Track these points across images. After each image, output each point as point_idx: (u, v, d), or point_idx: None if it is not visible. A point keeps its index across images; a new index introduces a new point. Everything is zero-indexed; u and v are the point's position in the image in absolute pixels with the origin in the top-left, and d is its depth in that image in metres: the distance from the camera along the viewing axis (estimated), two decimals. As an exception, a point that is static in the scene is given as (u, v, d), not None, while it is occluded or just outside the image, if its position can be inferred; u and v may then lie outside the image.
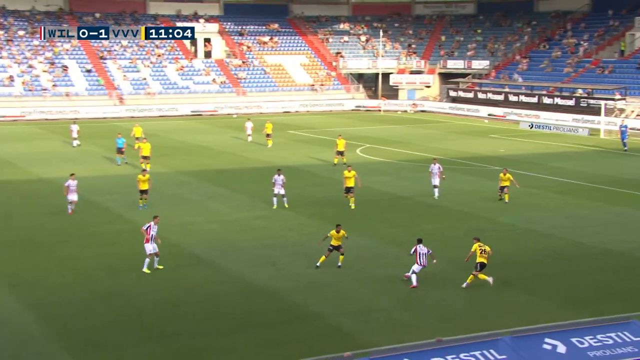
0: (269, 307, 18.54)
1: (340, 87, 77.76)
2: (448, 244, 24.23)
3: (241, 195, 31.89)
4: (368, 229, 26.20)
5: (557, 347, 13.19)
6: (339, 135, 40.69)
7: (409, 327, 17.26)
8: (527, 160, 41.18)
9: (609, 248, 23.62)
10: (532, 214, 28.43)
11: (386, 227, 26.58)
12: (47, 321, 17.53)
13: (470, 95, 71.18)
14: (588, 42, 70.68)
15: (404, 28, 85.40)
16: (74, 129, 46.73)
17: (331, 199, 31.17)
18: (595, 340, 13.37)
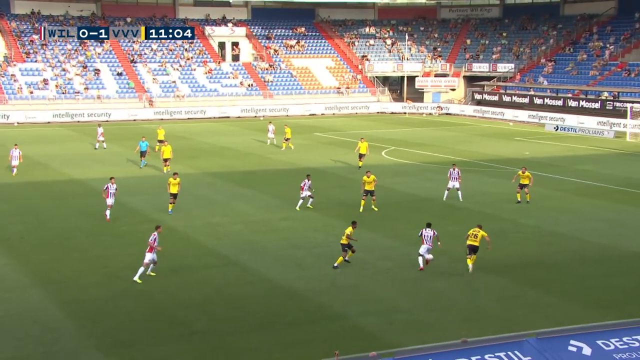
0: (294, 306, 18.53)
1: (366, 90, 77.65)
2: (472, 246, 24.00)
3: (267, 197, 31.94)
4: (392, 230, 26.08)
5: (583, 349, 12.99)
6: (361, 138, 40.52)
7: (434, 328, 17.14)
8: (552, 163, 40.77)
9: (634, 251, 23.28)
10: (556, 216, 28.11)
11: (410, 228, 26.45)
12: (78, 319, 17.68)
13: (495, 98, 70.70)
14: (614, 45, 69.84)
15: (429, 31, 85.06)
16: (99, 131, 47.08)
17: (356, 201, 31.07)
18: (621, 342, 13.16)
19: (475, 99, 73.15)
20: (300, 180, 35.78)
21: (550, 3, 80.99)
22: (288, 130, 47.58)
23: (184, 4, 79.97)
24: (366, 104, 74.77)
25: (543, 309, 18.28)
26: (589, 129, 56.49)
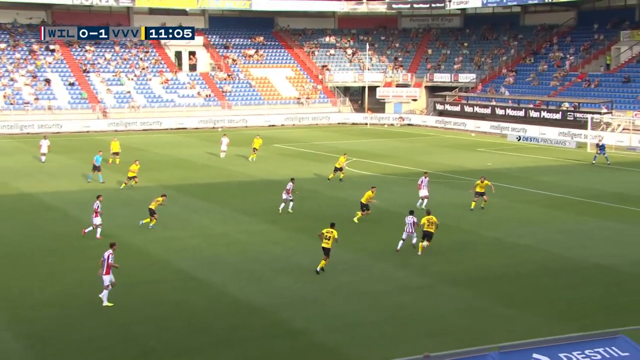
0: (254, 322, 18.45)
1: (326, 100, 77.96)
2: (434, 258, 24.25)
3: (225, 209, 31.80)
4: (354, 243, 26.18)
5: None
6: (344, 154, 40.70)
7: (397, 342, 17.21)
8: (514, 174, 41.38)
9: (596, 262, 23.72)
10: (518, 228, 28.52)
11: (372, 240, 26.58)
12: (27, 339, 17.33)
13: (457, 109, 71.56)
14: (574, 56, 71.37)
15: (390, 41, 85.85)
16: (43, 144, 45.81)
17: (317, 213, 31.14)
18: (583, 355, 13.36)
19: (437, 109, 73.96)
20: (259, 193, 35.68)
21: (511, 13, 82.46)
22: (259, 141, 47.50)
23: (139, 12, 79.39)
24: (327, 115, 75.06)
25: (507, 322, 18.50)
26: (550, 139, 57.52)
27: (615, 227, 28.70)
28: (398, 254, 24.62)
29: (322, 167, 44.86)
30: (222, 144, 48.39)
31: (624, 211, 31.74)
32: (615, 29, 71.65)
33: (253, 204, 33.19)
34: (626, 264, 23.48)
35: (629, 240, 26.63)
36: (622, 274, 22.43)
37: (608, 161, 45.34)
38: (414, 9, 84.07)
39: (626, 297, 20.39)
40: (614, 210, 31.90)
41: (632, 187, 37.53)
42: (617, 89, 63.66)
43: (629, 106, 60.12)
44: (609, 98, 61.20)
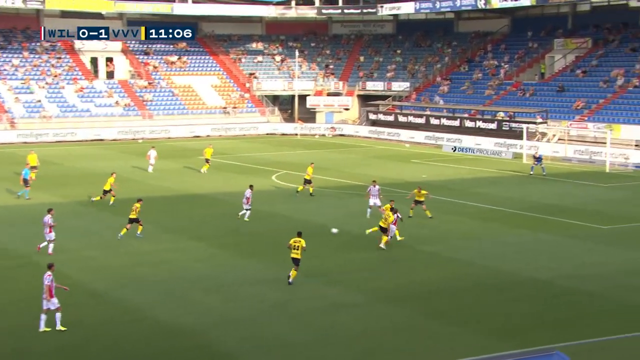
0: (181, 345, 18.31)
1: (254, 109, 77.95)
2: (369, 274, 24.55)
3: (148, 226, 31.43)
4: (285, 259, 26.25)
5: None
6: (311, 163, 40.66)
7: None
8: (449, 186, 42.21)
9: (533, 276, 24.42)
10: (454, 242, 29.12)
11: (307, 257, 26.71)
12: None
13: (390, 119, 72.56)
14: (509, 64, 73.43)
15: (320, 48, 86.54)
16: None
17: (244, 229, 31.10)
18: (522, 371, 13.79)
19: (370, 119, 74.83)
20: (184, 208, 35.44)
21: (444, 19, 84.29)
22: (210, 150, 47.58)
23: (50, 15, 77.62)
24: (255, 125, 75.05)
25: (445, 340, 18.87)
26: (486, 150, 58.92)
27: (551, 240, 29.62)
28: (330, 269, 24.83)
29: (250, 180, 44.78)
30: (150, 157, 47.66)
31: (559, 223, 32.78)
32: (548, 37, 74.12)
33: (178, 220, 32.91)
34: (562, 277, 24.27)
35: (565, 253, 27.53)
36: (560, 288, 23.17)
37: (544, 172, 46.78)
38: (345, 14, 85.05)
39: (562, 312, 21.07)
40: (550, 223, 32.90)
41: (567, 199, 38.80)
42: (552, 99, 65.78)
43: (563, 116, 62.18)
44: (543, 107, 63.17)
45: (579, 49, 70.25)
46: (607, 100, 61.92)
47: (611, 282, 23.63)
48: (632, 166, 49.99)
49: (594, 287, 23.10)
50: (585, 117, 60.51)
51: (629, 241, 29.47)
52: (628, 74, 63.32)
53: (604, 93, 63.06)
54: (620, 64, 65.63)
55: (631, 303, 21.62)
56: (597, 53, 68.50)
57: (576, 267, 25.50)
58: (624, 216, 34.41)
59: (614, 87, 62.90)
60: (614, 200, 38.87)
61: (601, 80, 64.42)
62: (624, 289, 22.94)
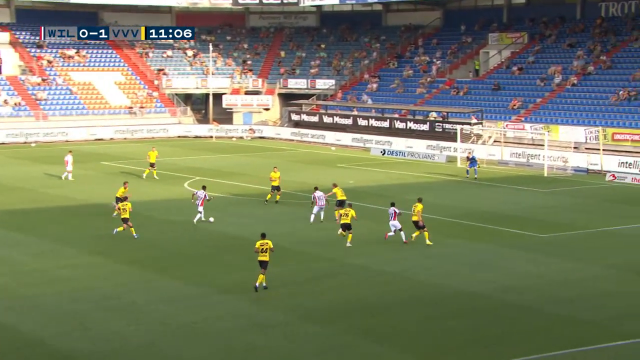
0: (77, 376, 17.79)
1: (164, 109, 77.03)
2: (291, 290, 24.42)
3: (41, 241, 30.61)
4: (200, 275, 25.89)
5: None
6: (274, 167, 40.50)
7: (249, 391, 17.14)
8: (379, 192, 42.48)
9: (468, 290, 24.70)
10: (385, 254, 29.26)
11: (221, 273, 26.41)
12: None
13: (314, 119, 72.75)
14: (441, 60, 74.60)
15: (237, 41, 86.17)
16: None
17: (154, 242, 30.58)
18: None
19: (292, 120, 74.86)
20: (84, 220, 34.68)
21: (372, 11, 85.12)
22: (154, 153, 46.83)
23: None
24: (165, 127, 74.14)
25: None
26: (418, 153, 59.58)
27: (489, 250, 30.08)
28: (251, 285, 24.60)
29: (159, 188, 44.16)
30: (68, 164, 46.11)
31: (496, 232, 33.34)
32: (483, 31, 75.69)
33: (76, 233, 32.13)
34: (499, 290, 24.64)
35: (502, 264, 27.99)
36: (497, 302, 23.50)
37: (476, 174, 47.59)
38: (264, 4, 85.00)
39: (498, 327, 21.36)
40: (486, 231, 33.43)
41: (504, 206, 39.52)
42: (487, 97, 67.13)
43: (499, 116, 63.53)
44: (478, 107, 64.38)
45: (514, 44, 71.97)
46: (545, 100, 63.59)
47: (547, 295, 24.12)
48: (571, 170, 51.30)
49: (531, 301, 23.52)
50: (522, 118, 61.95)
51: (567, 250, 30.17)
52: (566, 71, 65.14)
53: (541, 92, 64.73)
54: (557, 60, 67.53)
55: (564, 317, 22.07)
56: (533, 49, 70.28)
57: (513, 279, 25.93)
58: (562, 223, 35.24)
59: (551, 85, 64.61)
60: (553, 206, 39.80)
61: (538, 77, 66.11)
62: (558, 302, 23.43)
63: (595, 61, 64.93)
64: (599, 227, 34.49)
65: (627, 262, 28.30)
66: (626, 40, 66.11)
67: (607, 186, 46.45)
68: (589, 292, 24.51)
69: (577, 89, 63.00)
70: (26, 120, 69.81)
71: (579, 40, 68.77)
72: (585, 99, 61.50)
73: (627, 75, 61.34)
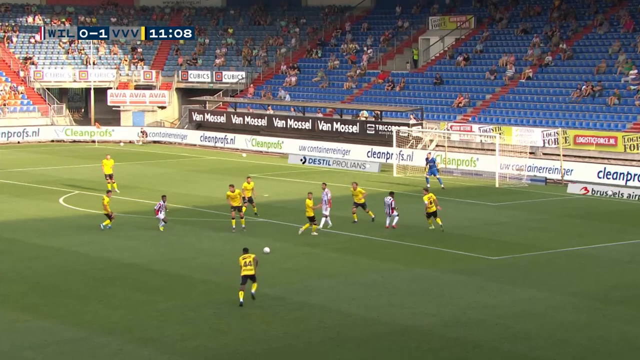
0: None
1: (32, 107, 75.79)
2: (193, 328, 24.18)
3: None
4: (78, 313, 25.44)
5: None
6: (248, 177, 41.06)
7: None
8: (298, 208, 42.42)
9: (408, 324, 24.82)
10: (307, 281, 29.24)
11: (105, 308, 25.99)
12: None
13: (221, 119, 72.47)
14: (373, 49, 75.19)
15: (124, 24, 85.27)
16: None
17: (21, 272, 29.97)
18: None
19: (194, 120, 74.42)
20: None
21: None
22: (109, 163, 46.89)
23: None
24: (34, 129, 72.86)
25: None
26: (346, 160, 59.78)
27: (429, 277, 30.30)
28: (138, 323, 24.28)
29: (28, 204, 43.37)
30: None
31: (440, 254, 33.66)
32: (422, 14, 76.68)
33: None
34: (441, 324, 24.83)
35: (445, 293, 28.21)
36: (437, 338, 23.68)
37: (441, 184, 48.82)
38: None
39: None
40: (428, 253, 33.71)
41: (449, 222, 39.84)
42: (428, 93, 67.93)
43: (442, 115, 64.34)
44: (417, 105, 65.07)
45: (459, 29, 73.05)
46: (496, 96, 64.67)
47: (499, 329, 24.41)
48: (526, 180, 52.11)
49: (480, 337, 23.77)
50: (469, 117, 62.86)
51: (521, 275, 30.62)
52: (520, 62, 66.39)
53: (491, 86, 65.84)
54: (509, 49, 68.80)
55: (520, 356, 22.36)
56: (481, 35, 71.49)
57: (460, 311, 26.15)
58: (516, 243, 35.78)
59: (502, 78, 65.75)
60: (506, 223, 40.41)
61: (487, 69, 67.21)
62: (517, 337, 23.74)
63: (553, 50, 66.34)
64: (560, 247, 35.15)
65: (592, 288, 28.89)
66: (589, 26, 67.76)
67: (570, 198, 47.32)
68: (549, 326, 24.81)
69: (533, 82, 64.23)
70: None
71: (535, 25, 70.23)
72: (542, 95, 62.74)
73: (591, 67, 62.81)
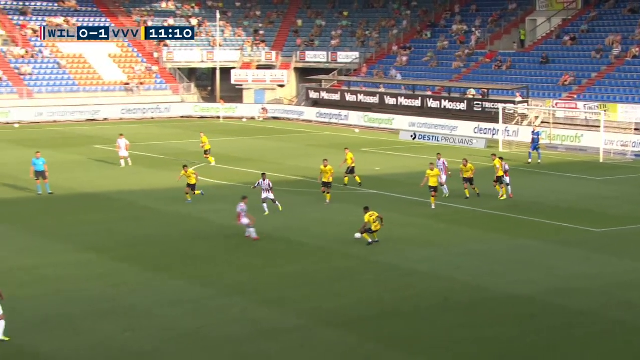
0: (68, 387, 18.11)
1: (165, 86, 77.37)
2: (309, 291, 24.59)
3: (30, 235, 30.99)
4: (206, 275, 26.14)
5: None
6: (345, 148, 41.54)
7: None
8: (409, 181, 42.50)
9: (510, 292, 24.75)
10: (416, 251, 29.35)
11: (231, 271, 26.64)
12: None
13: (336, 97, 72.80)
14: (481, 30, 74.34)
15: (248, 8, 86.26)
16: None
17: (152, 237, 30.85)
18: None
19: (310, 98, 74.95)
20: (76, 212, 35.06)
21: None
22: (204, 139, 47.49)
23: None
24: (166, 105, 74.48)
25: (399, 372, 19.03)
26: (454, 136, 59.50)
27: (532, 247, 30.08)
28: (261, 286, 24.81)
29: (159, 175, 44.45)
30: (121, 148, 46.25)
31: (543, 226, 33.30)
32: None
33: (68, 227, 32.47)
34: (545, 292, 24.64)
35: (549, 263, 27.98)
36: (543, 306, 23.51)
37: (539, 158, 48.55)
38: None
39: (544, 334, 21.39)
40: (531, 225, 33.40)
41: (552, 196, 39.44)
42: (534, 72, 66.88)
43: (548, 93, 63.31)
44: (523, 83, 64.17)
45: (566, 10, 71.57)
46: (601, 74, 63.26)
47: (605, 298, 24.10)
48: (631, 155, 51.13)
49: (585, 305, 23.53)
50: (575, 95, 61.71)
51: (626, 247, 30.10)
52: (626, 41, 64.75)
53: (597, 65, 64.41)
54: (616, 28, 67.10)
55: (625, 323, 22.05)
56: (588, 15, 69.88)
57: (563, 281, 25.93)
58: (620, 216, 35.16)
59: (609, 57, 64.25)
60: (609, 197, 39.68)
61: (593, 49, 65.72)
62: (621, 306, 23.40)
63: (659, 30, 64.49)
64: (663, 220, 34.42)
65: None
66: (696, 5, 65.59)
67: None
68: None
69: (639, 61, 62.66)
70: (8, 98, 70.34)
71: (642, 5, 68.32)
72: (648, 74, 61.19)
73: (697, 46, 60.87)
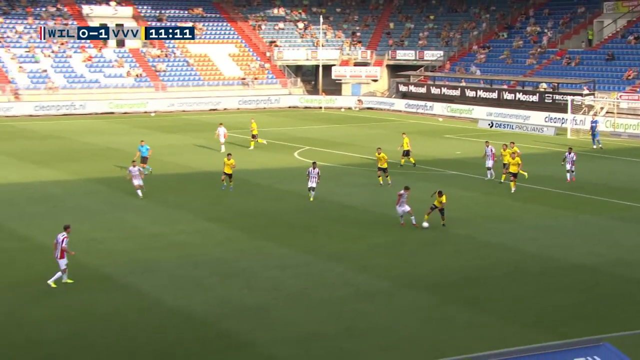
0: (193, 335, 18.44)
1: (275, 81, 77.88)
2: (397, 260, 24.51)
3: (161, 207, 31.61)
4: (308, 243, 26.29)
5: (520, 374, 13.44)
6: (402, 133, 41.82)
7: (353, 357, 17.38)
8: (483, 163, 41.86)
9: (577, 262, 24.24)
10: (491, 225, 28.96)
11: (330, 241, 26.73)
12: None
13: (422, 91, 72.19)
14: (552, 30, 72.55)
15: (347, 14, 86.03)
16: None
17: (264, 210, 31.16)
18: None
19: (400, 91, 74.48)
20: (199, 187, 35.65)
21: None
22: (254, 125, 47.65)
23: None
24: (276, 97, 75.02)
25: (476, 331, 18.82)
26: (526, 125, 58.39)
27: (596, 223, 29.37)
28: (356, 254, 24.83)
29: (270, 157, 44.86)
30: (220, 136, 47.07)
31: (607, 204, 32.47)
32: (597, 0, 72.97)
33: (192, 200, 33.05)
34: (607, 263, 24.06)
35: (612, 237, 27.28)
36: (605, 275, 22.98)
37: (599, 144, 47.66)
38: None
39: (608, 301, 20.88)
40: (596, 204, 32.60)
41: (616, 177, 38.41)
42: (600, 68, 64.96)
43: (612, 87, 61.45)
44: (590, 78, 62.40)
45: (631, 12, 69.20)
46: (661, 70, 61.05)
47: (663, 269, 23.40)
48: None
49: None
50: (637, 88, 59.78)
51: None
52: (684, 41, 62.26)
53: (657, 62, 62.15)
54: (675, 29, 64.57)
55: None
56: (651, 18, 67.41)
57: (624, 252, 25.26)
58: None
59: (669, 55, 61.93)
60: (667, 179, 38.42)
61: (655, 47, 63.46)
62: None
63: None
64: None
65: None
66: None
67: None
68: None
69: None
70: (146, 91, 71.89)
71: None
72: None
73: None
